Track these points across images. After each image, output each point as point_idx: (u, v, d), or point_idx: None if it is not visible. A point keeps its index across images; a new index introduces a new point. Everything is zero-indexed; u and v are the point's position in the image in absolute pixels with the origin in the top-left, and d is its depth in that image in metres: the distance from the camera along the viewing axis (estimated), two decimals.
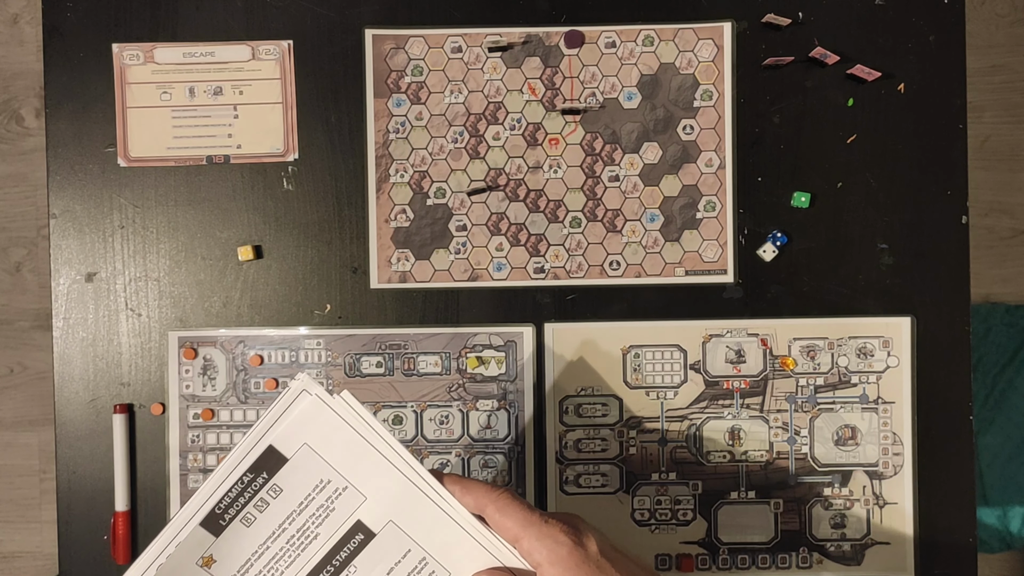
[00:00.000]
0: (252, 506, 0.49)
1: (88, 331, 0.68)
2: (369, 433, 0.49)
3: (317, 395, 0.49)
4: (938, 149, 0.68)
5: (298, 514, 0.49)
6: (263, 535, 0.49)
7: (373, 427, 0.49)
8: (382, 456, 0.49)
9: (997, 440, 1.15)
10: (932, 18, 0.68)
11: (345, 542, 0.49)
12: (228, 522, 0.48)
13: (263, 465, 0.48)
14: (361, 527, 0.49)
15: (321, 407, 0.49)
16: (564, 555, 0.46)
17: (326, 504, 0.49)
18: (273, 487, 0.49)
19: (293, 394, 0.49)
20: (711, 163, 0.68)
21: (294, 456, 0.49)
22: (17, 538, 1.44)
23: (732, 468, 0.68)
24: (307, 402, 0.49)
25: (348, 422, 0.49)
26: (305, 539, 0.49)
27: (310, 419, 0.49)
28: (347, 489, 0.49)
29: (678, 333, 0.68)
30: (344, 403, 0.49)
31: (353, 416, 0.49)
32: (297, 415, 0.49)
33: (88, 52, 0.68)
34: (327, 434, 0.49)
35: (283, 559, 0.49)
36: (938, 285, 0.68)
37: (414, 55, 0.68)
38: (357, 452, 0.49)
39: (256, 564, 0.49)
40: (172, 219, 0.68)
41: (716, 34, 0.68)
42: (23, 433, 1.44)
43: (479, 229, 0.68)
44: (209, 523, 0.48)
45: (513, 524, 0.47)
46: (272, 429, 0.49)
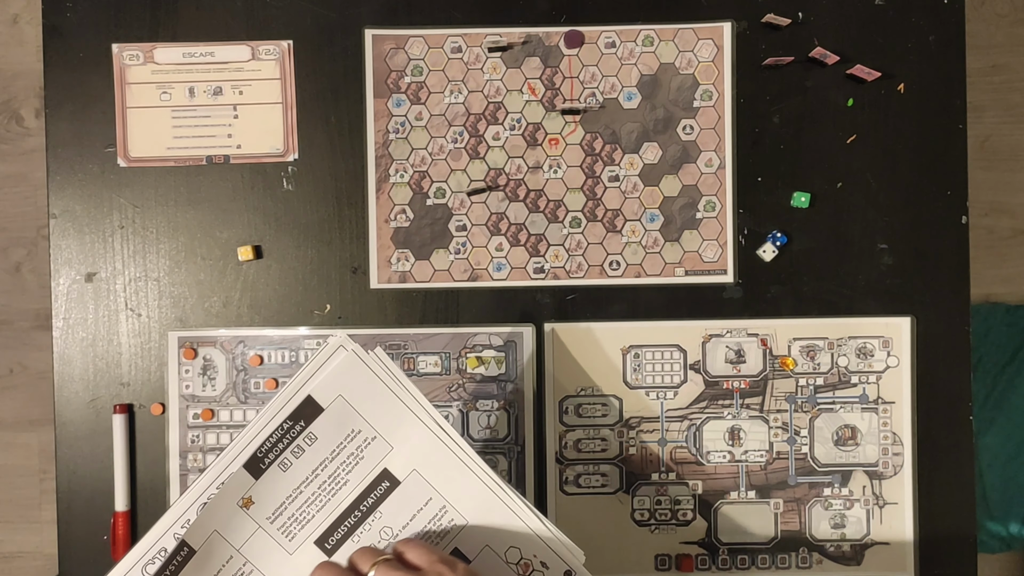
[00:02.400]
0: (289, 452, 0.52)
1: (88, 331, 0.68)
2: (398, 388, 0.52)
3: (353, 351, 0.52)
4: (938, 149, 0.68)
5: (330, 461, 0.52)
6: (298, 480, 0.52)
7: (403, 383, 0.53)
8: (409, 410, 0.52)
9: (997, 440, 1.15)
10: (932, 18, 0.68)
11: (372, 489, 0.53)
12: (268, 466, 0.52)
13: (301, 414, 0.52)
14: (387, 475, 0.53)
15: (356, 362, 0.52)
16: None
17: (356, 452, 0.52)
18: (309, 435, 0.52)
19: (331, 349, 0.52)
20: (711, 163, 0.68)
21: (329, 406, 0.52)
22: (17, 538, 1.44)
23: (732, 468, 0.68)
24: (343, 357, 0.52)
25: (380, 377, 0.52)
26: (336, 485, 0.52)
27: (345, 373, 0.52)
28: (376, 439, 0.53)
29: (678, 333, 0.68)
30: (377, 359, 0.52)
31: (384, 372, 0.52)
32: (334, 368, 0.52)
33: (88, 52, 0.68)
34: (360, 387, 0.52)
35: (315, 503, 0.52)
36: (938, 285, 0.68)
37: (414, 55, 0.68)
38: (386, 405, 0.52)
39: (290, 507, 0.52)
40: (172, 219, 0.68)
41: (716, 34, 0.68)
42: (23, 433, 1.44)
43: (479, 229, 0.68)
44: (251, 466, 0.51)
45: None
46: (311, 381, 0.52)
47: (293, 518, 0.52)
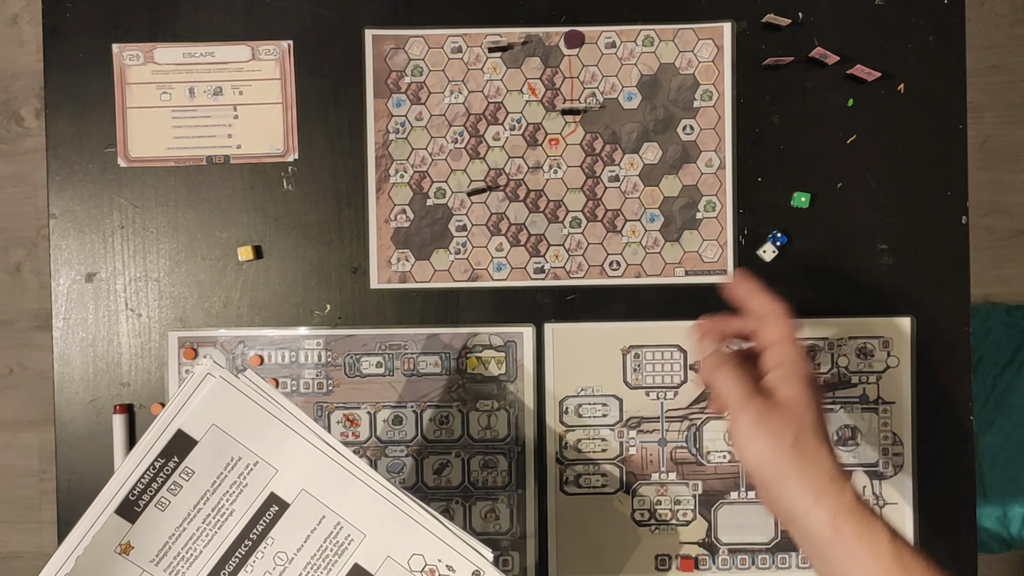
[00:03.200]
0: (165, 490, 0.50)
1: (88, 331, 0.68)
2: (276, 409, 0.51)
3: (221, 376, 0.50)
4: (938, 149, 0.68)
5: (212, 493, 0.50)
6: (179, 517, 0.50)
7: (279, 402, 0.51)
8: (290, 429, 0.51)
9: (997, 440, 1.15)
10: (932, 18, 0.68)
11: (260, 515, 0.51)
12: (143, 508, 0.50)
13: (173, 449, 0.50)
14: (275, 499, 0.51)
15: (226, 387, 0.50)
16: (807, 371, 0.51)
17: (239, 480, 0.51)
18: (185, 469, 0.50)
19: (197, 378, 0.50)
20: (711, 163, 0.68)
21: (203, 437, 0.50)
22: (17, 538, 1.44)
23: (732, 468, 0.68)
24: (212, 384, 0.50)
25: (254, 400, 0.50)
26: (221, 516, 0.51)
27: (216, 400, 0.50)
28: (258, 464, 0.51)
29: (678, 333, 0.68)
30: (249, 382, 0.50)
31: (258, 394, 0.50)
32: (203, 397, 0.50)
33: (88, 52, 0.68)
34: (234, 413, 0.50)
35: (200, 538, 0.50)
36: (938, 285, 0.68)
37: (414, 55, 0.68)
38: (265, 428, 0.50)
39: (174, 546, 0.50)
40: (172, 219, 0.68)
41: (716, 34, 0.68)
42: (23, 433, 1.44)
43: (479, 229, 0.68)
44: (124, 511, 0.49)
45: (783, 329, 0.52)
46: (180, 414, 0.50)
47: (179, 557, 0.50)
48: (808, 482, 0.48)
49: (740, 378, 0.51)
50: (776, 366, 0.51)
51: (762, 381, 0.51)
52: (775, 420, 0.49)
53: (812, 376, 0.51)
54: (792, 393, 0.50)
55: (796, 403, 0.49)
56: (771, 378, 0.51)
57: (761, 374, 0.52)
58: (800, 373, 0.50)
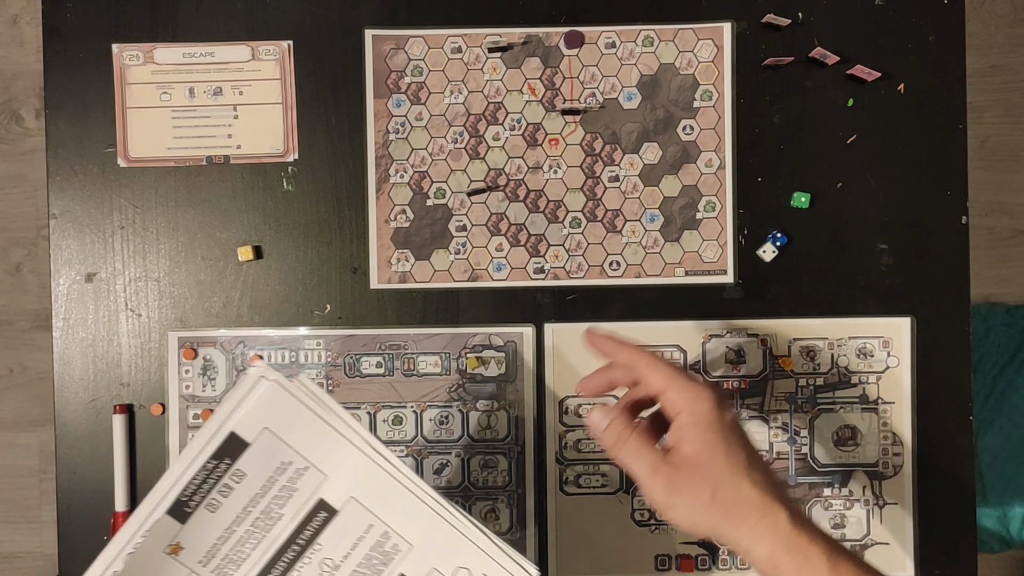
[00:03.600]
0: (216, 492, 0.50)
1: (88, 331, 0.68)
2: (328, 415, 0.50)
3: (276, 380, 0.50)
4: (938, 149, 0.68)
5: (262, 496, 0.50)
6: (228, 519, 0.50)
7: (332, 408, 0.50)
8: (341, 435, 0.50)
9: (997, 440, 1.15)
10: (932, 18, 0.68)
11: (309, 520, 0.51)
12: (194, 509, 0.49)
13: (225, 451, 0.49)
14: (324, 505, 0.51)
15: (279, 392, 0.50)
16: (704, 410, 0.48)
17: (288, 485, 0.50)
18: (236, 472, 0.50)
19: (251, 381, 0.50)
20: (711, 163, 0.68)
21: (255, 441, 0.50)
22: (17, 538, 1.44)
23: None
24: (265, 387, 0.50)
25: (307, 405, 0.50)
26: (270, 520, 0.50)
27: (269, 404, 0.50)
28: (308, 469, 0.50)
29: (678, 333, 0.68)
30: (302, 386, 0.50)
31: (311, 399, 0.50)
32: (256, 400, 0.50)
33: (88, 52, 0.68)
34: (286, 417, 0.50)
35: (249, 541, 0.50)
36: (938, 285, 0.68)
37: (414, 55, 0.68)
38: (316, 433, 0.50)
39: (223, 548, 0.50)
40: (172, 219, 0.68)
41: (716, 34, 0.68)
42: (23, 433, 1.44)
43: (479, 229, 0.68)
44: (175, 511, 0.49)
45: (660, 377, 0.50)
46: (232, 416, 0.50)
47: (227, 559, 0.50)
48: (738, 527, 0.47)
49: (640, 451, 0.49)
50: (672, 417, 0.50)
51: (666, 440, 0.50)
52: (685, 483, 0.48)
53: (712, 408, 0.48)
54: (694, 447, 0.48)
55: (701, 456, 0.48)
56: (670, 437, 0.49)
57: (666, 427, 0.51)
58: (696, 418, 0.48)
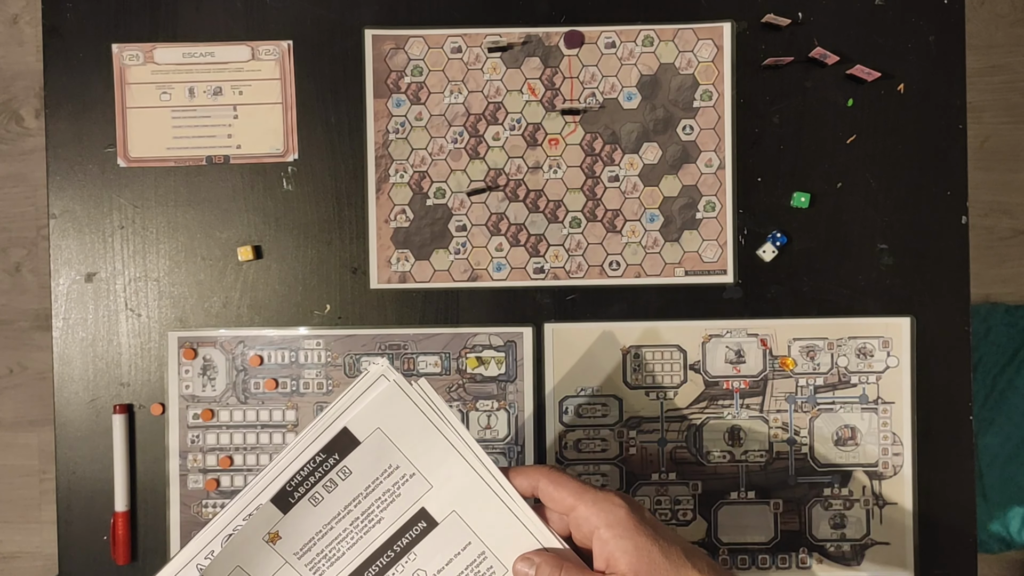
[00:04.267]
0: (321, 486, 0.49)
1: (88, 331, 0.68)
2: (442, 423, 0.49)
3: (395, 381, 0.49)
4: (938, 149, 0.68)
5: (364, 497, 0.49)
6: (329, 515, 0.49)
7: (447, 418, 0.49)
8: (452, 447, 0.49)
9: (997, 440, 1.15)
10: (932, 18, 0.68)
11: (408, 528, 0.50)
12: (297, 500, 0.49)
13: (336, 446, 0.49)
14: (425, 515, 0.50)
15: (397, 393, 0.49)
16: (622, 517, 0.47)
17: (392, 489, 0.50)
18: (343, 468, 0.49)
19: (371, 378, 0.49)
20: (711, 163, 0.68)
21: (367, 440, 0.49)
22: (17, 538, 1.44)
23: (732, 468, 0.68)
24: (384, 387, 0.49)
25: (422, 411, 0.49)
26: (369, 522, 0.50)
27: (385, 404, 0.49)
28: (414, 476, 0.50)
29: (678, 333, 0.68)
30: (420, 391, 0.49)
31: (427, 405, 0.49)
32: (373, 400, 0.49)
33: (88, 52, 0.68)
34: (401, 420, 0.49)
35: (346, 540, 0.50)
36: (938, 285, 0.68)
37: (414, 55, 0.68)
38: (428, 441, 0.49)
39: (319, 543, 0.49)
40: (172, 219, 0.68)
41: (716, 34, 0.68)
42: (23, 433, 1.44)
43: (479, 229, 0.68)
44: (279, 500, 0.49)
45: (568, 494, 0.48)
46: (348, 411, 0.49)
47: (322, 554, 0.49)
48: None
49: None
50: (590, 533, 0.48)
51: (594, 563, 0.49)
52: None
53: (629, 513, 0.48)
54: (628, 559, 0.47)
55: (640, 564, 0.47)
56: (597, 556, 0.48)
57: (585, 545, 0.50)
58: (618, 529, 0.47)
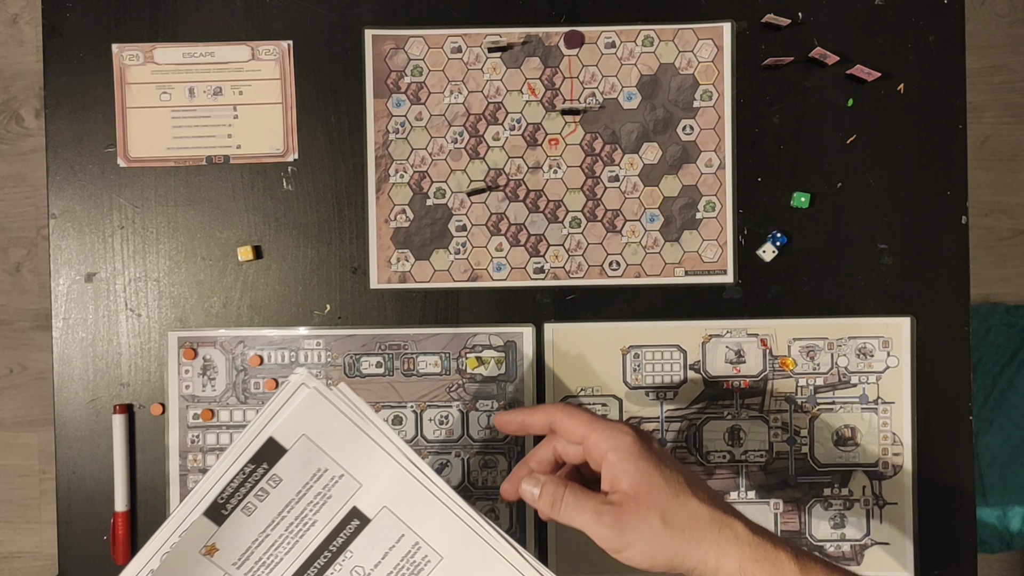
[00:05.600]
0: (253, 495, 0.50)
1: (88, 331, 0.68)
2: (365, 423, 0.51)
3: (315, 388, 0.51)
4: (938, 149, 0.68)
5: (296, 502, 0.51)
6: (263, 523, 0.51)
7: (369, 417, 0.51)
8: (377, 445, 0.51)
9: (997, 440, 1.15)
10: (932, 18, 0.68)
11: (341, 528, 0.51)
12: (230, 512, 0.50)
13: (263, 456, 0.50)
14: (357, 513, 0.51)
15: (319, 399, 0.51)
16: (628, 443, 0.49)
17: (323, 492, 0.51)
18: (273, 477, 0.51)
19: (292, 388, 0.51)
20: (711, 163, 0.68)
21: (293, 447, 0.51)
22: (17, 538, 1.44)
23: (732, 468, 0.68)
24: (305, 395, 0.51)
25: (344, 413, 0.51)
26: (303, 526, 0.51)
27: (308, 411, 0.51)
28: (343, 477, 0.51)
29: (678, 333, 0.68)
30: (341, 395, 0.51)
31: (349, 407, 0.51)
32: (296, 407, 0.51)
33: (88, 52, 0.68)
34: (324, 425, 0.51)
35: (282, 545, 0.51)
36: (938, 285, 0.68)
37: (414, 55, 0.68)
38: (353, 442, 0.51)
39: (256, 551, 0.51)
40: (172, 219, 0.68)
41: (716, 34, 0.68)
42: (23, 433, 1.44)
43: (479, 229, 0.68)
44: (212, 513, 0.50)
45: (579, 424, 0.51)
46: (272, 422, 0.51)
47: (260, 562, 0.51)
48: (699, 545, 0.47)
49: (580, 502, 0.49)
50: (599, 460, 0.50)
51: (601, 485, 0.50)
52: (632, 516, 0.48)
53: (636, 440, 0.49)
54: (630, 479, 0.48)
55: (640, 485, 0.48)
56: (604, 480, 0.50)
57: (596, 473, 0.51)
58: (624, 452, 0.49)
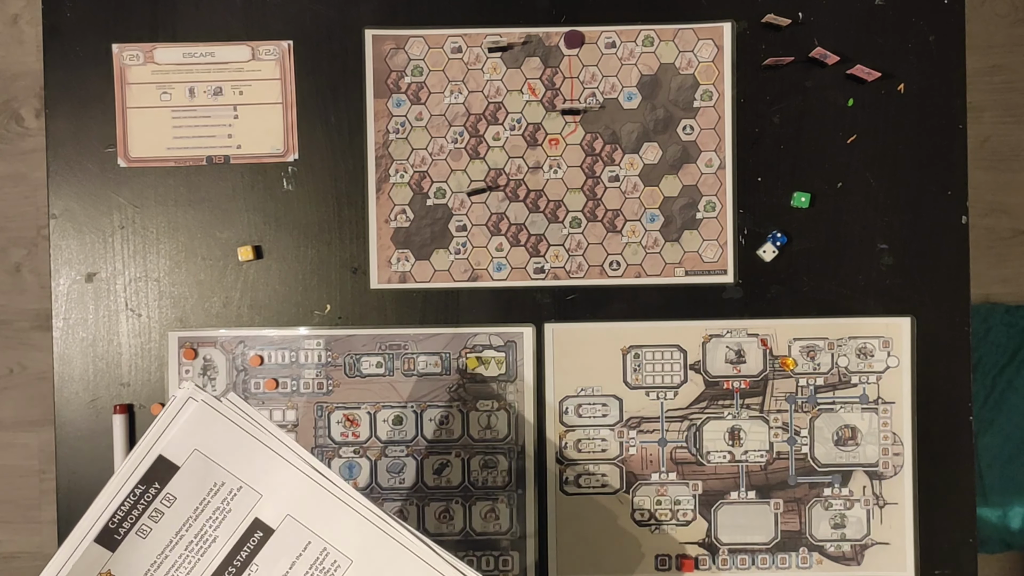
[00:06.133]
0: (147, 517, 0.49)
1: (88, 331, 0.68)
2: (259, 432, 0.50)
3: (203, 400, 0.49)
4: (938, 149, 0.68)
5: (194, 520, 0.50)
6: (161, 544, 0.49)
7: (264, 427, 0.50)
8: (275, 453, 0.50)
9: (997, 440, 1.15)
10: (932, 18, 0.68)
11: (244, 541, 0.50)
12: (123, 536, 0.49)
13: (154, 475, 0.49)
14: (259, 524, 0.50)
15: (208, 412, 0.49)
16: None
17: (222, 506, 0.50)
18: (167, 496, 0.49)
19: (179, 402, 0.49)
20: (711, 163, 0.68)
21: (185, 463, 0.49)
22: (17, 538, 1.44)
23: (732, 468, 0.68)
24: (193, 408, 0.49)
25: (238, 424, 0.49)
26: (204, 543, 0.50)
27: (198, 424, 0.49)
28: (242, 489, 0.50)
29: (678, 333, 0.68)
30: (232, 405, 0.50)
31: (242, 418, 0.49)
32: (184, 422, 0.49)
33: (88, 52, 0.68)
34: (217, 438, 0.49)
35: (183, 565, 0.49)
36: (938, 285, 0.68)
37: (414, 55, 0.68)
38: (249, 452, 0.50)
39: (156, 574, 0.49)
40: (172, 219, 0.68)
41: (716, 34, 0.68)
42: (23, 433, 1.44)
43: (479, 229, 0.68)
44: (104, 539, 0.48)
45: None
46: (161, 439, 0.49)
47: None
48: None
49: None
50: None
51: None
52: None
53: None
54: None
55: None
56: None
57: None
58: None
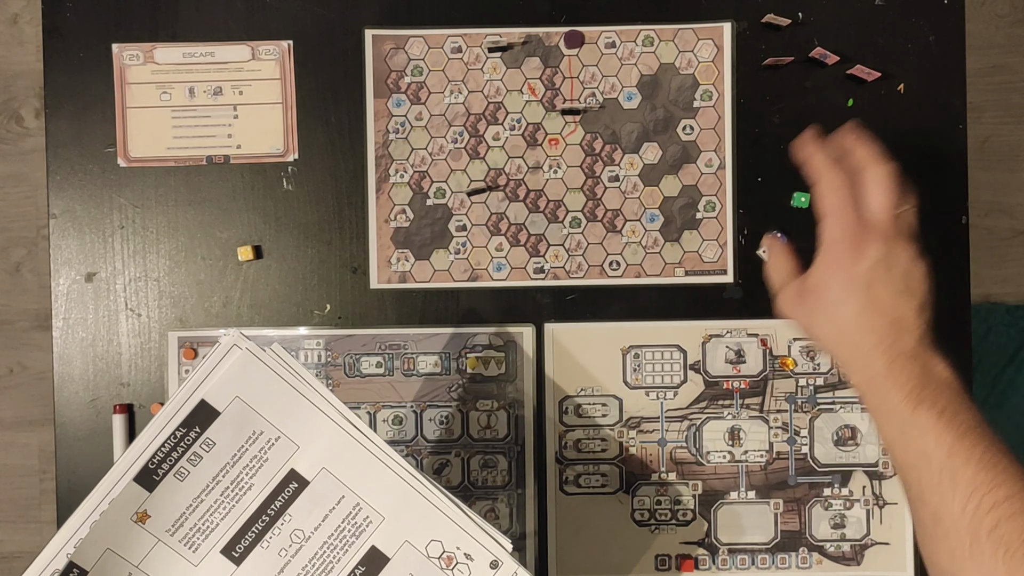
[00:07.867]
0: (185, 460, 0.49)
1: (88, 331, 0.68)
2: (300, 384, 0.50)
3: (248, 349, 0.49)
4: (938, 149, 0.68)
5: (231, 466, 0.50)
6: (197, 488, 0.49)
7: (306, 379, 0.50)
8: (314, 406, 0.50)
9: None
10: (932, 18, 0.68)
11: (279, 491, 0.50)
12: (162, 477, 0.49)
13: (195, 419, 0.49)
14: (295, 475, 0.50)
15: (252, 360, 0.49)
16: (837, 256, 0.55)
17: (259, 455, 0.50)
18: (206, 441, 0.49)
19: (224, 349, 0.49)
20: (711, 163, 0.68)
21: (226, 409, 0.49)
22: (17, 538, 1.44)
23: (732, 468, 0.68)
24: (238, 356, 0.49)
25: (280, 375, 0.50)
26: (239, 490, 0.50)
27: (241, 372, 0.49)
28: (280, 439, 0.50)
29: (678, 333, 0.68)
30: (275, 356, 0.50)
31: (284, 369, 0.50)
32: (228, 369, 0.49)
33: (88, 52, 0.68)
34: (258, 387, 0.50)
35: (218, 511, 0.50)
36: (938, 285, 0.68)
37: (414, 55, 0.68)
38: (289, 403, 0.50)
39: (191, 517, 0.49)
40: (172, 219, 0.68)
41: (716, 34, 0.68)
42: (23, 433, 1.44)
43: (479, 229, 0.68)
44: (142, 478, 0.49)
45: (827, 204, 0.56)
46: (204, 384, 0.49)
47: (196, 528, 0.49)
48: None
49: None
50: None
51: None
52: None
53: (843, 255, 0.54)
54: None
55: None
56: None
57: None
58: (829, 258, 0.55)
